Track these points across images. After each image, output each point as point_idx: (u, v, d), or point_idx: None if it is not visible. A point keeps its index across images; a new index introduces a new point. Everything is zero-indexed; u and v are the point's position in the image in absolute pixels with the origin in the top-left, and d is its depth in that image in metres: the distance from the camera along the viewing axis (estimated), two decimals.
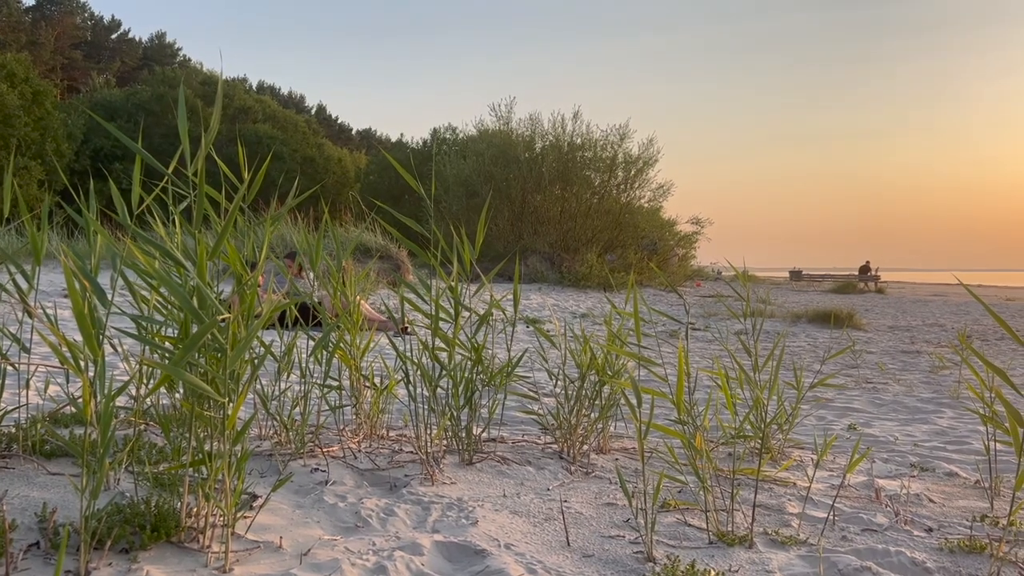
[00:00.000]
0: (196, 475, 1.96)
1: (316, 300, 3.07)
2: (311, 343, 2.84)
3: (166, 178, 1.92)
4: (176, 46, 48.95)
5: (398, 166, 2.77)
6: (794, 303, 15.47)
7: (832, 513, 2.32)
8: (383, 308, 2.76)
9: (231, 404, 1.81)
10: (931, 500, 2.61)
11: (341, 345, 2.79)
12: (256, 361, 2.08)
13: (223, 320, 1.77)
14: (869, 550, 2.03)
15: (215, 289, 1.93)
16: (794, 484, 2.70)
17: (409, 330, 6.75)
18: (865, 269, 28.68)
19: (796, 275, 33.61)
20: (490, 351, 3.02)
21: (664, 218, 23.72)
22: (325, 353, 2.70)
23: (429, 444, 2.64)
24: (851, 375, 6.12)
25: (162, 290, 2.06)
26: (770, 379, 2.42)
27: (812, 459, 3.09)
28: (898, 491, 2.66)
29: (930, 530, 2.27)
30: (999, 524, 2.30)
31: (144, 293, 2.26)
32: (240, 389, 1.83)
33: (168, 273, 1.85)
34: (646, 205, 23.05)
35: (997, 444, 2.81)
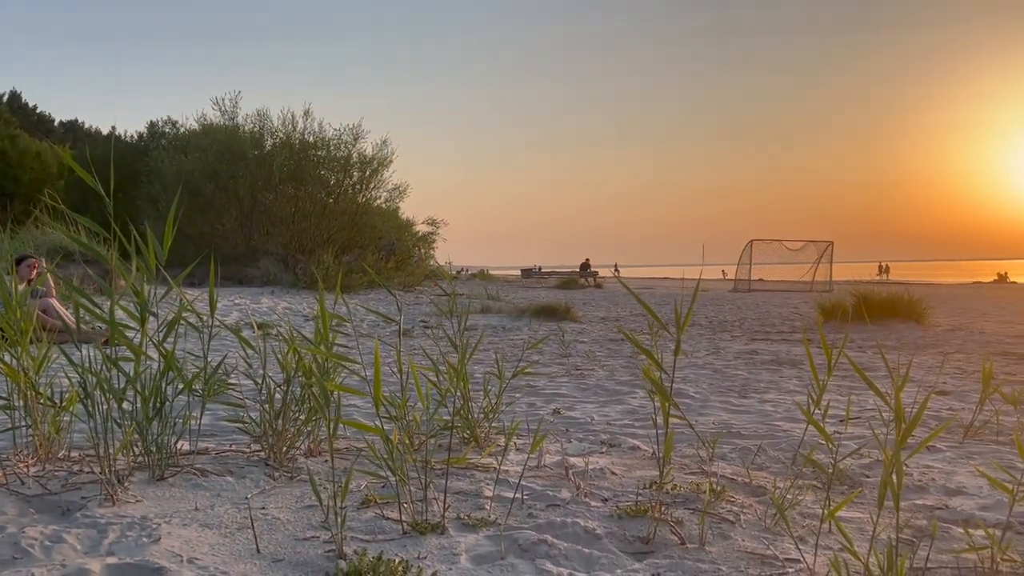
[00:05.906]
0: None
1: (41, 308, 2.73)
2: None
3: None
4: None
5: (77, 167, 2.54)
6: (521, 299, 16.31)
7: (520, 492, 2.48)
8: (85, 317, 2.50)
9: None
10: (613, 473, 2.89)
11: (5, 359, 2.49)
12: None
13: None
14: (549, 524, 2.19)
15: None
16: (495, 469, 2.85)
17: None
18: (585, 266, 31.06)
19: (527, 273, 35.58)
20: (198, 358, 2.86)
21: (402, 219, 23.93)
22: None
23: (111, 461, 2.43)
24: (563, 364, 6.59)
25: None
26: (459, 370, 2.53)
27: (516, 444, 3.28)
28: (585, 467, 2.90)
29: (606, 500, 2.50)
30: (663, 489, 2.59)
31: None
32: None
33: None
34: (383, 206, 23.11)
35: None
